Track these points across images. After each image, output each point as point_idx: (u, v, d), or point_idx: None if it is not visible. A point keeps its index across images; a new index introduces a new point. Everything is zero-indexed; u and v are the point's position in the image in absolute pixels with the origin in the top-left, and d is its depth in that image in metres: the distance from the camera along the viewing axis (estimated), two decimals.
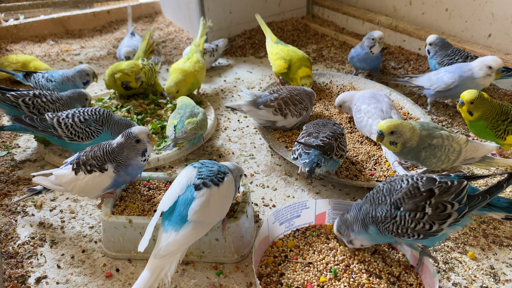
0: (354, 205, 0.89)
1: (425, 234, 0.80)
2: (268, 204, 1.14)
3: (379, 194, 0.85)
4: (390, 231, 0.82)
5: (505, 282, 0.90)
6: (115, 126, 1.25)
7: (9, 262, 0.97)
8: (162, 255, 0.79)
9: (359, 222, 0.86)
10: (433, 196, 0.80)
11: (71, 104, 1.37)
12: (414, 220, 0.79)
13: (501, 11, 1.65)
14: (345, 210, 0.91)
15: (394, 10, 2.13)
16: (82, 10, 2.51)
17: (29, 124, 1.19)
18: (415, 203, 0.80)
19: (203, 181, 0.86)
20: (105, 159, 0.97)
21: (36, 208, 1.14)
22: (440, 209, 0.79)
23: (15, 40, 2.24)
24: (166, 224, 0.83)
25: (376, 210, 0.83)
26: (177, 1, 2.36)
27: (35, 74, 1.51)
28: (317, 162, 1.07)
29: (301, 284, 0.87)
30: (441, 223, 0.80)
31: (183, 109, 1.35)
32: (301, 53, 1.63)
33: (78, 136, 1.21)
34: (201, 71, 1.63)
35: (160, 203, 0.86)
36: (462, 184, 0.81)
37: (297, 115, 1.36)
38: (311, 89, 1.51)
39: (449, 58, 1.55)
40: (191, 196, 0.84)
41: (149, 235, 0.81)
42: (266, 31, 1.80)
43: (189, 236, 0.81)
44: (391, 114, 1.33)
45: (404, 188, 0.81)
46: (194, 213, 0.82)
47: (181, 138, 1.27)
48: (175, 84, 1.55)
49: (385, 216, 0.81)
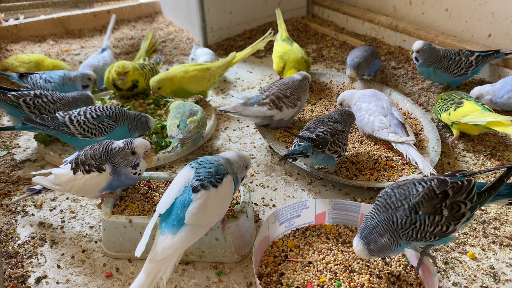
0: (374, 226, 0.82)
1: (441, 235, 0.81)
2: (268, 204, 1.14)
3: (392, 199, 0.82)
4: (410, 237, 0.80)
5: (505, 282, 0.90)
6: (132, 122, 1.27)
7: (9, 262, 0.97)
8: (158, 260, 0.78)
9: (395, 242, 0.81)
10: (448, 197, 0.80)
11: (75, 105, 1.37)
12: (433, 223, 0.79)
13: (501, 11, 1.65)
14: (369, 235, 0.82)
15: (394, 10, 2.13)
16: (82, 10, 2.51)
17: (40, 124, 1.20)
18: (433, 206, 0.79)
19: (201, 182, 0.85)
20: (104, 158, 0.97)
21: (36, 208, 1.14)
22: (455, 209, 0.80)
23: (15, 40, 2.24)
24: (163, 227, 0.82)
25: (396, 216, 0.80)
26: (177, 1, 2.36)
27: (32, 75, 1.51)
28: (301, 150, 1.07)
29: (301, 284, 0.87)
30: (456, 223, 0.80)
31: (182, 108, 1.35)
32: (300, 54, 1.63)
33: (91, 132, 1.22)
34: (194, 81, 1.53)
35: (158, 205, 0.85)
36: (471, 183, 0.82)
37: (292, 106, 1.37)
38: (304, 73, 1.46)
39: (448, 60, 1.54)
40: (188, 198, 0.83)
41: (146, 239, 0.81)
42: (280, 27, 1.80)
43: (186, 239, 0.81)
44: (392, 111, 1.34)
45: (421, 192, 0.80)
46: (191, 216, 0.81)
47: (187, 137, 1.27)
48: (158, 80, 1.50)
49: (405, 222, 0.79)
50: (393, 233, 0.80)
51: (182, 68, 1.54)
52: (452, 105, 1.35)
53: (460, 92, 1.41)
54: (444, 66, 1.54)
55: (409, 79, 1.77)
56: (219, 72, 1.60)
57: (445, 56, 1.54)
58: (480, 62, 1.54)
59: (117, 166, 0.97)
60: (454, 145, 1.35)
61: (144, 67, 1.61)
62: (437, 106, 1.42)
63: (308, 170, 1.19)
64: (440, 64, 1.54)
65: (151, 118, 1.33)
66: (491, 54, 1.54)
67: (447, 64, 1.54)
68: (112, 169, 0.97)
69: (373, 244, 0.82)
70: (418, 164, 1.17)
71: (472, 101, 1.34)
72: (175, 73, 1.52)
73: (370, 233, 0.82)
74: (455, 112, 1.32)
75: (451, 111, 1.34)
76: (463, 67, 1.53)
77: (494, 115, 1.25)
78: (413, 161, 1.20)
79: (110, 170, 0.97)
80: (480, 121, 1.25)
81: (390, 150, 1.30)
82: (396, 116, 1.32)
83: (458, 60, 1.53)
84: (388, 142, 1.30)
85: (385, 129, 1.28)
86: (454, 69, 1.54)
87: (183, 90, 1.53)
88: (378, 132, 1.29)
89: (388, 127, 1.28)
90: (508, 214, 1.08)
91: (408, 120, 1.46)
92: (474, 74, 1.58)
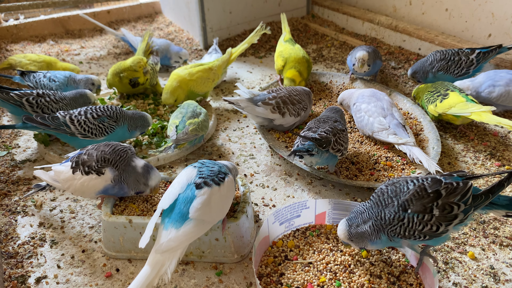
0: (361, 212, 0.86)
1: (431, 235, 0.80)
2: (268, 204, 1.14)
3: (384, 196, 0.83)
4: (397, 233, 0.81)
5: (505, 282, 0.90)
6: (131, 121, 1.29)
7: (9, 262, 0.97)
8: (164, 250, 0.79)
9: (376, 232, 0.83)
10: (440, 197, 0.79)
11: (75, 103, 1.38)
12: (422, 222, 0.79)
13: (501, 11, 1.65)
14: (353, 219, 0.86)
15: (394, 10, 2.13)
16: (82, 10, 2.51)
17: (41, 123, 1.20)
18: (423, 205, 0.79)
19: (204, 180, 0.86)
20: (110, 161, 0.97)
21: (36, 208, 1.14)
22: (447, 210, 0.79)
23: (15, 40, 2.24)
24: (166, 222, 0.83)
25: (384, 212, 0.82)
26: (177, 1, 2.36)
27: (35, 73, 1.51)
28: (307, 149, 1.08)
29: (301, 284, 0.87)
30: (447, 224, 0.80)
31: (185, 108, 1.34)
32: (301, 55, 1.63)
33: (92, 132, 1.22)
34: (201, 82, 1.52)
35: (160, 202, 0.86)
36: (467, 185, 0.81)
37: (295, 115, 1.36)
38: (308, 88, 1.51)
39: (444, 62, 1.54)
40: (191, 194, 0.84)
41: (150, 232, 0.81)
42: (284, 30, 1.81)
43: (190, 233, 0.81)
44: (392, 111, 1.33)
45: (412, 190, 0.80)
46: (196, 211, 0.82)
47: (183, 139, 1.26)
48: (170, 93, 1.48)
49: (393, 218, 0.80)
50: (378, 228, 0.83)
51: (185, 71, 1.52)
52: (438, 97, 1.38)
53: (446, 83, 1.43)
54: (443, 68, 1.54)
55: (409, 79, 1.77)
56: (221, 71, 1.60)
57: (442, 59, 1.54)
58: (482, 60, 1.51)
59: (124, 182, 0.98)
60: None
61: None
62: (424, 98, 1.45)
63: (308, 170, 1.19)
64: (432, 68, 1.55)
65: (148, 115, 1.34)
66: (493, 49, 1.51)
67: (446, 66, 1.53)
68: (116, 179, 0.97)
69: (354, 228, 0.86)
70: (423, 162, 1.17)
71: (457, 91, 1.37)
72: (180, 78, 1.50)
73: (355, 217, 0.86)
74: (441, 104, 1.36)
75: (437, 103, 1.38)
76: (463, 66, 1.52)
77: (477, 106, 1.29)
78: (417, 160, 1.19)
79: (113, 177, 0.97)
80: (465, 112, 1.29)
81: (390, 150, 1.30)
82: (396, 116, 1.32)
83: (458, 60, 1.52)
84: (388, 142, 1.30)
85: (384, 131, 1.28)
86: (455, 69, 1.53)
87: (192, 93, 1.52)
88: (377, 134, 1.29)
89: (387, 129, 1.28)
90: None
91: (408, 120, 1.46)
92: (476, 72, 1.55)
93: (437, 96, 1.39)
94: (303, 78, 1.60)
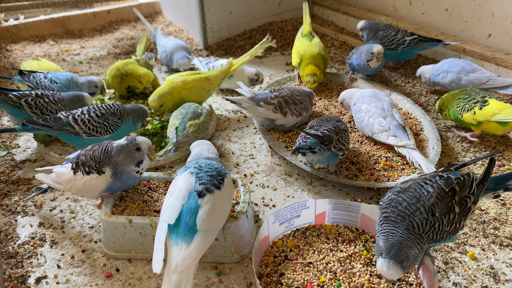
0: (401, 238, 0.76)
1: (454, 232, 0.80)
2: (268, 204, 1.14)
3: (403, 205, 0.79)
4: (430, 240, 0.79)
5: (505, 282, 0.90)
6: (134, 113, 1.31)
7: (9, 262, 0.97)
8: (180, 271, 0.76)
9: (421, 248, 0.78)
10: (456, 194, 0.80)
11: (71, 106, 1.37)
12: (449, 222, 0.78)
13: (501, 11, 1.65)
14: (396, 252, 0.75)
15: (394, 10, 2.13)
16: (82, 10, 2.51)
17: (43, 125, 1.19)
18: (446, 205, 0.79)
19: (205, 186, 0.84)
20: (104, 160, 0.97)
21: (36, 208, 1.14)
22: (463, 205, 0.80)
23: (15, 40, 2.24)
24: (174, 238, 0.80)
25: (416, 221, 0.77)
26: (177, 1, 2.36)
27: (35, 73, 1.50)
28: (309, 146, 1.09)
29: (301, 284, 0.87)
30: (465, 218, 0.81)
31: (186, 109, 1.33)
32: (317, 50, 1.62)
33: (97, 130, 1.22)
34: (194, 92, 1.47)
35: (162, 214, 0.83)
36: (470, 176, 0.82)
37: (296, 115, 1.36)
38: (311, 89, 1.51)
39: (384, 32, 1.73)
40: (195, 204, 0.82)
41: (161, 255, 0.77)
42: (305, 21, 1.80)
43: (202, 246, 0.79)
44: (392, 112, 1.33)
45: (433, 193, 0.79)
46: (203, 222, 0.80)
47: (183, 142, 1.25)
48: (158, 97, 1.44)
49: (425, 225, 0.77)
50: (419, 240, 0.77)
51: (180, 78, 1.47)
52: (476, 104, 1.30)
53: (477, 90, 1.37)
54: (379, 37, 1.74)
55: (409, 79, 1.77)
56: (218, 81, 1.54)
57: (383, 29, 1.74)
58: (414, 44, 1.68)
59: (120, 165, 0.97)
60: (474, 141, 1.35)
61: (139, 61, 1.65)
62: (456, 106, 1.35)
63: (308, 170, 1.19)
64: (376, 37, 1.75)
65: (145, 106, 1.37)
66: (430, 40, 1.68)
67: (382, 36, 1.73)
68: (113, 173, 0.97)
69: (406, 261, 0.76)
70: (422, 166, 1.16)
71: (494, 99, 1.31)
72: (173, 84, 1.45)
73: (400, 250, 0.75)
74: (481, 111, 1.28)
75: (476, 110, 1.29)
76: (395, 42, 1.70)
77: None
78: (416, 164, 1.19)
79: (111, 173, 0.97)
80: None
81: (390, 150, 1.30)
82: (396, 118, 1.32)
83: (394, 35, 1.70)
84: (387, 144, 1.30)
85: (384, 132, 1.28)
86: (386, 42, 1.72)
87: (183, 101, 1.47)
88: (377, 135, 1.29)
89: (387, 130, 1.28)
90: (508, 214, 1.08)
91: (408, 120, 1.46)
92: (409, 55, 1.76)
93: (474, 103, 1.30)
94: (321, 71, 1.62)
